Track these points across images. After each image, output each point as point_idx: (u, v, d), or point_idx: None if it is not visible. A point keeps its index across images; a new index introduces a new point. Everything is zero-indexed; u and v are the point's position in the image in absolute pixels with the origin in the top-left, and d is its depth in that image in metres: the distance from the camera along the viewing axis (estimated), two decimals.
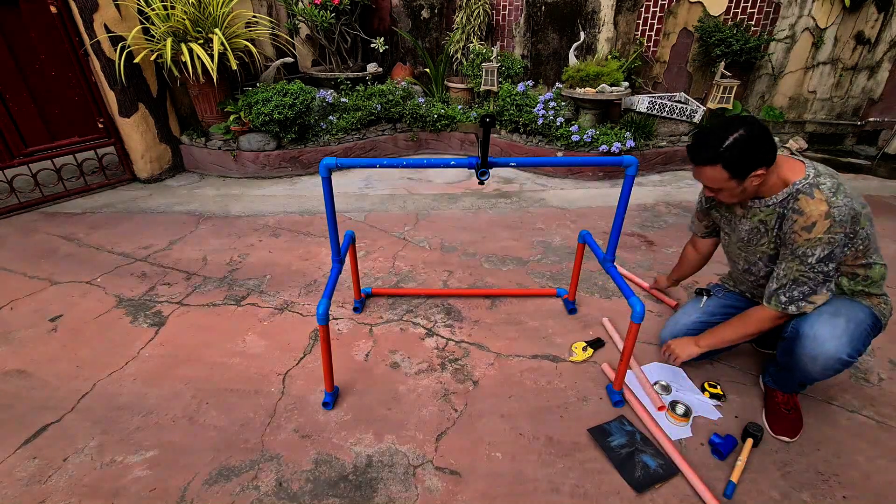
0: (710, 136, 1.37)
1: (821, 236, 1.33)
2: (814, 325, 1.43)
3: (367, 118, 4.36)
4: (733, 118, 1.37)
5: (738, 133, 1.32)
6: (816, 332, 1.41)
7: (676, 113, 4.07)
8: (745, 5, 4.16)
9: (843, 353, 1.38)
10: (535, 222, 3.17)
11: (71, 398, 1.77)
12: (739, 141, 1.32)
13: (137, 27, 3.40)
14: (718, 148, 1.34)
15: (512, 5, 4.77)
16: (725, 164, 1.35)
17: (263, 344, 2.05)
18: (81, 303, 2.33)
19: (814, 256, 1.36)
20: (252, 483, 1.46)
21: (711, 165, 1.38)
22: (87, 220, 3.19)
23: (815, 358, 1.41)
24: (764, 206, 1.48)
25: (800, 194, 1.37)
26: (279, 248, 2.84)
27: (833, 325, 1.40)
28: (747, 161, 1.34)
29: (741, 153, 1.33)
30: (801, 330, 1.45)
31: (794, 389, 1.63)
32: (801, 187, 1.38)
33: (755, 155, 1.34)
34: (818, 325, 1.42)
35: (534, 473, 1.49)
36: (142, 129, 3.65)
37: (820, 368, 1.42)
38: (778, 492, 1.42)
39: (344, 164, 1.58)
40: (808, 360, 1.43)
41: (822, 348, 1.39)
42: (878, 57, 4.02)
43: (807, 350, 1.42)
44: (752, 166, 1.35)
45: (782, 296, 1.46)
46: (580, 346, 2.01)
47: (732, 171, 1.36)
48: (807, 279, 1.40)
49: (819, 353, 1.40)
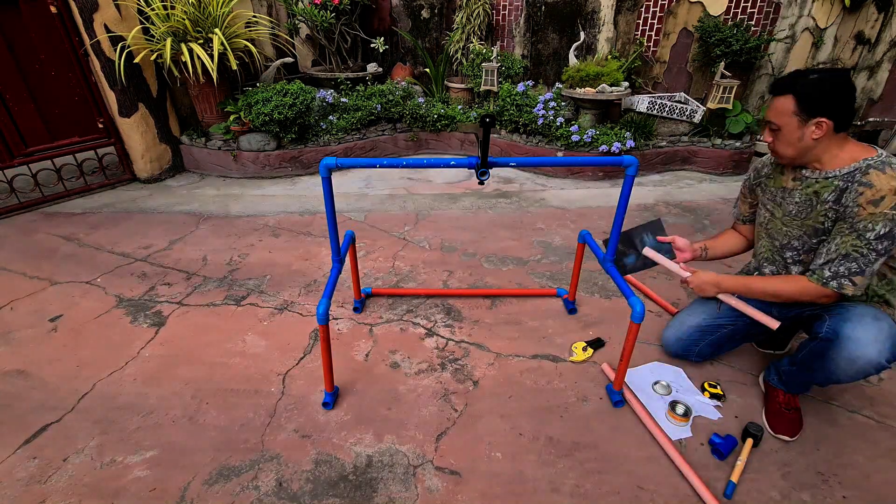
0: (798, 71, 1.39)
1: (887, 211, 1.29)
2: (856, 327, 1.39)
3: (367, 118, 4.36)
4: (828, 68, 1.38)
5: (822, 74, 1.34)
6: (860, 335, 1.37)
7: (676, 113, 4.07)
8: (745, 5, 4.16)
9: (884, 359, 1.35)
10: (535, 222, 3.17)
11: (71, 398, 1.77)
12: (822, 80, 1.33)
13: (137, 27, 3.40)
14: (800, 79, 1.35)
15: (512, 5, 4.77)
16: (797, 95, 1.35)
17: (263, 344, 2.05)
18: (81, 303, 2.33)
19: (874, 232, 1.32)
20: (252, 483, 1.46)
21: (784, 94, 1.38)
22: (87, 220, 3.19)
23: (855, 361, 1.38)
24: (822, 178, 1.45)
25: (870, 168, 1.34)
26: (279, 248, 2.84)
27: (878, 328, 1.37)
28: (818, 101, 1.34)
29: (815, 91, 1.33)
30: (842, 332, 1.41)
31: (802, 390, 1.62)
32: (872, 163, 1.35)
33: (828, 99, 1.33)
34: (861, 328, 1.38)
35: (534, 473, 1.49)
36: (142, 129, 3.65)
37: (854, 372, 1.40)
38: (778, 492, 1.42)
39: (344, 164, 1.58)
40: (846, 362, 1.39)
41: (863, 351, 1.36)
42: (878, 57, 4.02)
43: (847, 353, 1.39)
44: (821, 110, 1.34)
45: (826, 270, 1.41)
46: (580, 346, 2.01)
47: (800, 105, 1.35)
48: (859, 255, 1.35)
49: (859, 355, 1.37)
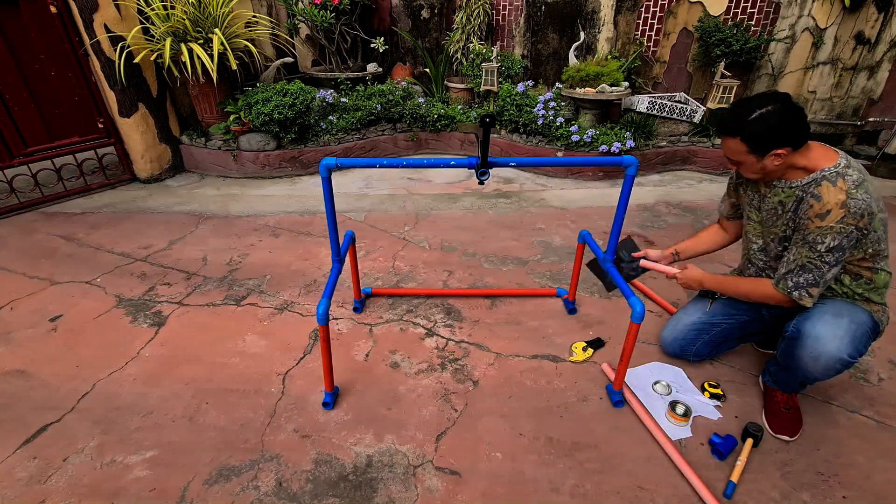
0: (738, 108, 1.37)
1: (832, 225, 1.32)
2: (816, 324, 1.43)
3: (367, 118, 4.36)
4: (769, 93, 1.36)
5: (765, 108, 1.32)
6: (819, 331, 1.41)
7: (676, 113, 4.07)
8: (745, 5, 4.16)
9: (845, 354, 1.38)
10: (535, 222, 3.17)
11: (71, 398, 1.77)
12: (765, 116, 1.31)
13: (137, 27, 3.40)
14: (742, 120, 1.34)
15: (512, 5, 4.77)
16: (744, 138, 1.35)
17: (263, 344, 2.05)
18: (81, 303, 2.33)
19: (823, 245, 1.35)
20: (252, 483, 1.46)
21: (732, 137, 1.38)
22: (87, 220, 3.19)
23: (817, 357, 1.41)
24: (787, 188, 1.47)
25: (823, 180, 1.36)
26: (279, 248, 2.84)
27: (836, 325, 1.40)
28: (769, 138, 1.33)
29: (764, 129, 1.32)
30: (804, 329, 1.45)
31: (794, 389, 1.63)
32: (826, 174, 1.36)
33: (778, 133, 1.33)
34: (820, 324, 1.42)
35: (534, 473, 1.49)
36: (142, 129, 3.65)
37: (821, 368, 1.42)
38: (778, 492, 1.42)
39: (344, 164, 1.58)
40: (810, 359, 1.43)
41: (824, 348, 1.39)
42: (878, 57, 4.02)
43: (808, 350, 1.42)
44: (774, 144, 1.34)
45: (790, 280, 1.45)
46: (580, 347, 2.01)
47: (751, 146, 1.36)
48: (813, 266, 1.39)
49: (821, 352, 1.40)
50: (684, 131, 4.15)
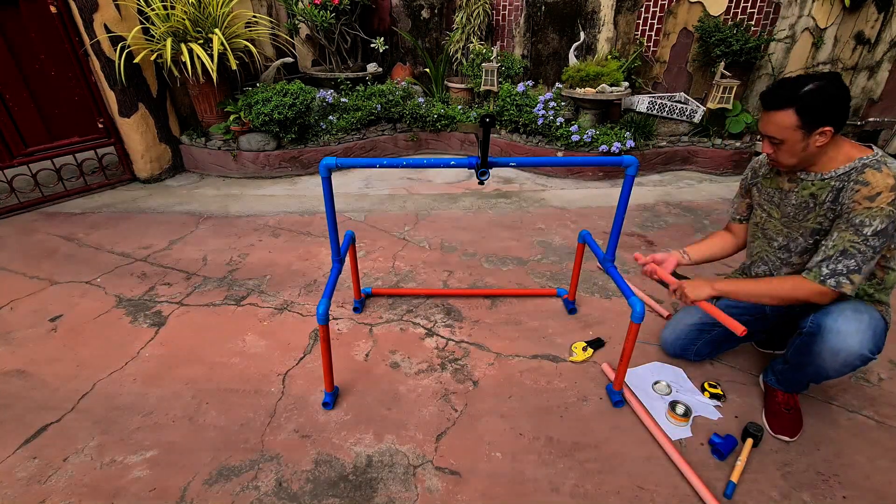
0: (788, 82, 1.34)
1: (883, 206, 1.29)
2: (837, 319, 1.40)
3: (367, 118, 4.36)
4: (815, 73, 1.34)
5: (817, 83, 1.30)
6: (840, 326, 1.38)
7: (676, 113, 4.07)
8: (745, 5, 4.16)
9: (866, 350, 1.36)
10: (535, 222, 3.17)
11: (71, 398, 1.77)
12: (822, 88, 1.30)
13: (137, 27, 3.40)
14: (797, 91, 1.31)
15: (512, 5, 4.77)
16: (799, 109, 1.31)
17: (263, 344, 2.05)
18: (81, 303, 2.33)
19: (871, 227, 1.30)
20: (252, 483, 1.46)
21: (784, 109, 1.33)
22: (87, 220, 3.19)
23: (838, 353, 1.39)
24: (818, 180, 1.44)
25: (866, 168, 1.34)
26: (279, 248, 2.84)
27: (858, 320, 1.38)
28: (821, 112, 1.31)
29: (817, 101, 1.30)
30: (824, 325, 1.42)
31: (799, 389, 1.62)
32: (867, 162, 1.35)
33: (829, 109, 1.31)
34: (842, 319, 1.39)
35: (534, 473, 1.49)
36: (142, 129, 3.65)
37: (840, 364, 1.40)
38: (778, 492, 1.42)
39: (344, 164, 1.58)
40: (830, 354, 1.40)
41: (845, 343, 1.37)
42: (878, 57, 4.02)
43: (829, 345, 1.40)
44: (824, 120, 1.32)
45: (824, 267, 1.37)
46: (580, 347, 2.01)
47: (804, 118, 1.32)
48: (856, 252, 1.33)
49: (842, 347, 1.38)
50: (684, 131, 4.15)
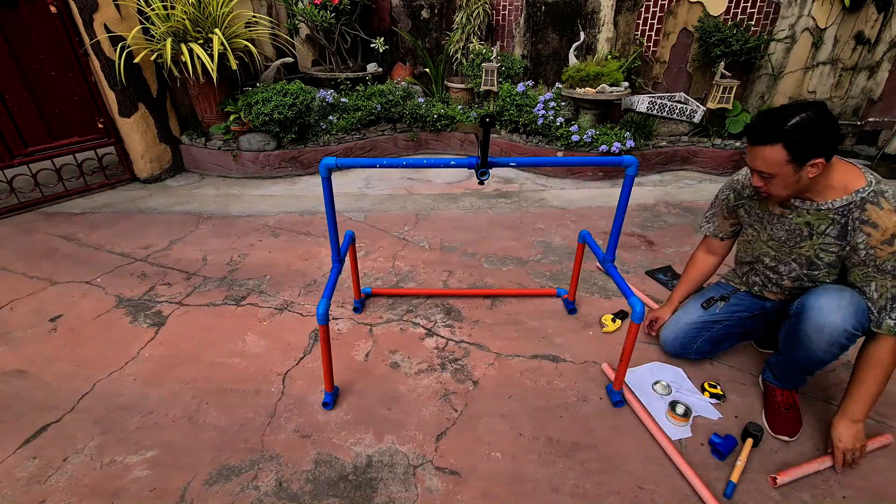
0: (773, 115, 1.31)
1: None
2: (820, 297, 1.43)
3: (367, 118, 4.36)
4: (800, 102, 1.32)
5: (804, 114, 1.27)
6: (822, 303, 1.41)
7: (676, 113, 4.07)
8: (745, 5, 4.16)
9: (849, 325, 1.37)
10: (535, 222, 3.17)
11: (71, 398, 1.77)
12: (805, 122, 1.26)
13: (137, 27, 3.40)
14: (782, 126, 1.28)
15: (512, 5, 4.77)
16: (787, 144, 1.28)
17: (263, 344, 2.05)
18: (81, 303, 2.33)
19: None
20: (252, 483, 1.46)
21: (771, 145, 1.30)
22: (87, 220, 3.19)
23: (822, 329, 1.40)
24: (814, 210, 1.44)
25: (866, 203, 1.32)
26: (279, 248, 2.84)
27: (839, 297, 1.40)
28: (810, 145, 1.28)
29: (805, 135, 1.27)
30: (807, 302, 1.45)
31: (794, 383, 1.62)
32: (865, 196, 1.33)
33: (818, 140, 1.28)
34: (824, 297, 1.42)
35: (534, 473, 1.49)
36: (142, 129, 3.65)
37: (826, 342, 1.41)
38: (778, 492, 1.42)
39: (344, 164, 1.58)
40: (815, 331, 1.41)
41: (827, 318, 1.38)
42: (878, 57, 4.02)
43: (813, 322, 1.41)
44: (814, 153, 1.29)
45: (889, 319, 1.36)
46: (609, 318, 2.14)
47: (793, 154, 1.29)
48: None
49: (825, 322, 1.39)
50: (684, 131, 4.15)
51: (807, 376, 1.59)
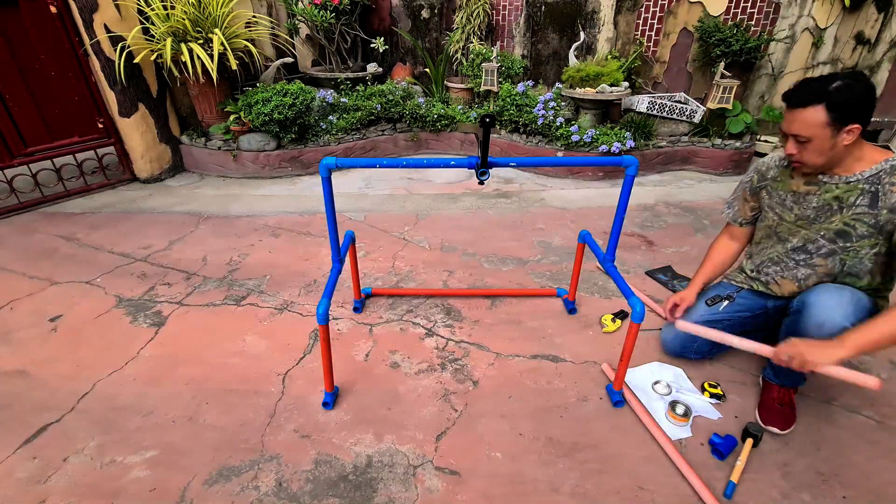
0: (815, 80, 1.34)
1: None
2: (820, 295, 1.47)
3: (367, 118, 4.36)
4: (838, 73, 1.36)
5: (846, 80, 1.31)
6: (823, 301, 1.45)
7: (676, 113, 4.07)
8: (745, 5, 4.16)
9: (848, 322, 1.39)
10: (535, 222, 3.17)
11: (71, 398, 1.77)
12: (850, 85, 1.30)
13: (137, 27, 3.40)
14: (826, 87, 1.31)
15: (512, 5, 4.77)
16: (829, 105, 1.31)
17: (263, 344, 2.05)
18: (81, 303, 2.33)
19: None
20: (252, 483, 1.46)
21: (814, 106, 1.32)
22: (87, 220, 3.19)
23: (822, 325, 1.42)
24: (843, 183, 1.46)
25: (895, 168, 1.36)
26: (279, 248, 2.84)
27: (839, 295, 1.44)
28: (851, 109, 1.31)
29: (847, 98, 1.30)
30: (808, 300, 1.49)
31: (794, 380, 1.62)
32: (895, 162, 1.36)
33: (859, 106, 1.31)
34: (825, 295, 1.46)
35: (534, 473, 1.49)
36: (142, 129, 3.65)
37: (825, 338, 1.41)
38: (778, 492, 1.42)
39: (344, 165, 1.58)
40: (815, 327, 1.44)
41: (828, 315, 1.42)
42: (878, 57, 4.02)
43: (813, 318, 1.45)
44: (853, 117, 1.32)
45: None
46: (609, 318, 2.15)
47: (834, 114, 1.32)
48: None
49: (825, 319, 1.42)
50: (684, 131, 4.14)
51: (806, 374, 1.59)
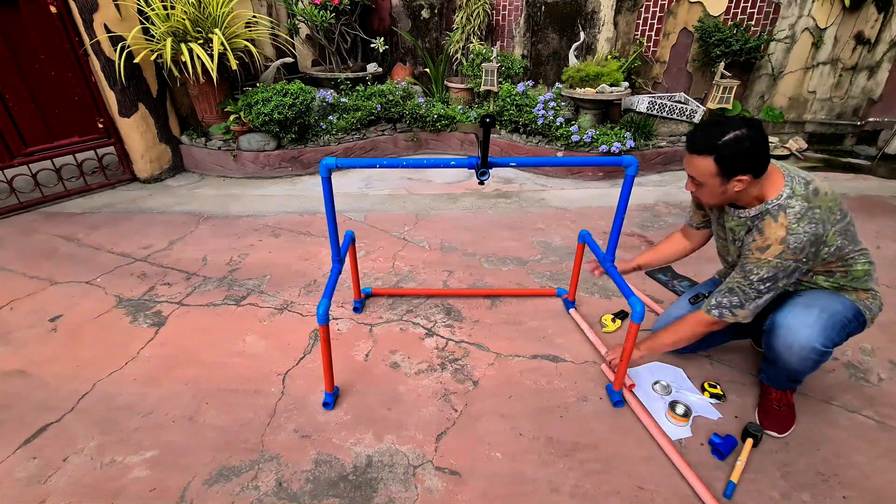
0: (710, 128, 1.37)
1: (769, 259, 1.36)
2: (787, 315, 1.47)
3: (367, 118, 4.37)
4: (738, 118, 1.36)
5: (738, 132, 1.32)
6: (789, 321, 1.45)
7: (676, 113, 4.07)
8: (745, 5, 4.16)
9: (817, 343, 1.41)
10: (535, 222, 3.17)
11: (71, 398, 1.77)
12: (739, 139, 1.31)
13: (137, 27, 3.40)
14: (717, 140, 1.33)
15: (512, 5, 4.77)
16: (717, 158, 1.34)
17: (263, 344, 2.05)
18: (81, 303, 2.33)
19: (757, 275, 1.40)
20: (252, 483, 1.46)
21: (704, 156, 1.37)
22: (87, 220, 3.19)
23: (790, 346, 1.45)
24: (736, 217, 1.50)
25: (766, 215, 1.39)
26: (279, 248, 2.84)
27: (806, 314, 1.44)
28: (738, 162, 1.33)
29: (737, 152, 1.32)
30: (776, 320, 1.49)
31: (786, 386, 1.63)
32: (770, 208, 1.38)
33: (747, 159, 1.33)
34: (790, 315, 1.46)
35: (534, 473, 1.49)
36: (142, 129, 3.65)
37: (797, 359, 1.45)
38: (778, 492, 1.42)
39: (344, 165, 1.58)
40: (784, 349, 1.46)
41: (794, 337, 1.43)
42: (878, 57, 4.02)
43: (781, 340, 1.46)
44: (741, 169, 1.34)
45: (713, 299, 1.52)
46: (609, 318, 2.14)
47: (721, 167, 1.35)
48: (740, 291, 1.45)
49: (792, 341, 1.44)
50: (684, 131, 4.15)
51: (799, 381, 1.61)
